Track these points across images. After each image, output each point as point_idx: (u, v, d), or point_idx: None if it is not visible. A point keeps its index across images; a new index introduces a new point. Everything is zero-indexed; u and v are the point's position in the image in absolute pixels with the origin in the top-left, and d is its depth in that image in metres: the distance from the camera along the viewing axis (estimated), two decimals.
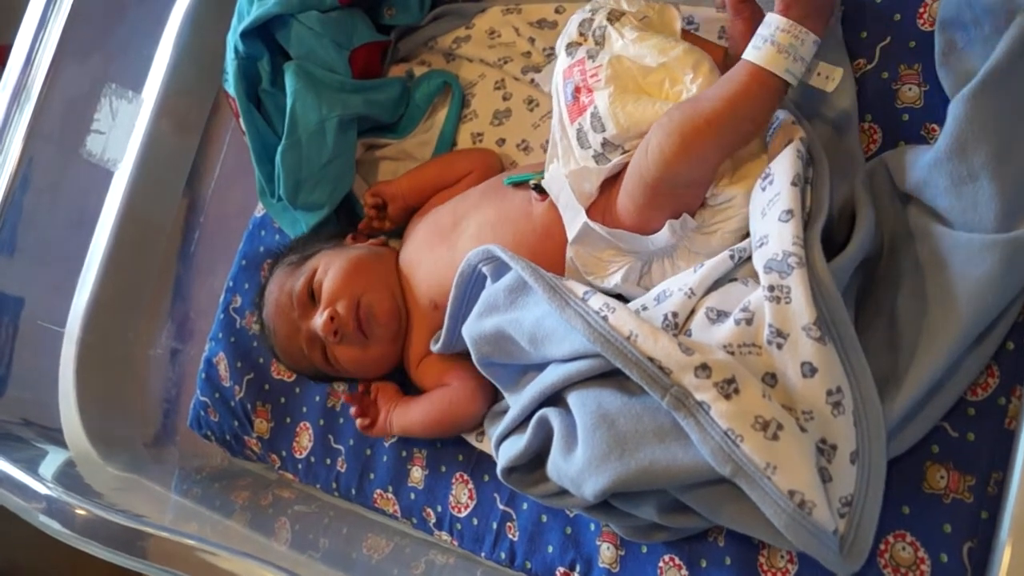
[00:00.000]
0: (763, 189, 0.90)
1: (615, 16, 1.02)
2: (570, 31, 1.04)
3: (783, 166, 0.89)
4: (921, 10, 1.01)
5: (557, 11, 1.25)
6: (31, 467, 1.11)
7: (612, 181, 0.98)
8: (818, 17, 0.89)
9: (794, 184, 0.87)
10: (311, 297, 1.14)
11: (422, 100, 1.30)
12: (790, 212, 0.86)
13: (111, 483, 1.17)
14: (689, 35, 1.06)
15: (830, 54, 1.00)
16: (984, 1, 0.88)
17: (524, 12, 1.27)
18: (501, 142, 1.25)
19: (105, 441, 1.25)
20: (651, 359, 0.83)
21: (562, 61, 1.02)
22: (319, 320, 1.10)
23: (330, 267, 1.13)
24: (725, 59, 1.03)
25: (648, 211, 0.94)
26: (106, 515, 1.04)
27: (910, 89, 1.00)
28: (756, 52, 0.88)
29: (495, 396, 1.10)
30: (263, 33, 1.26)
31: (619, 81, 0.97)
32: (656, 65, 0.97)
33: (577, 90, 0.99)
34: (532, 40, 1.25)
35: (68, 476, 1.16)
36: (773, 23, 0.88)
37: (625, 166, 0.96)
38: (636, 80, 0.97)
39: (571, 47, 1.02)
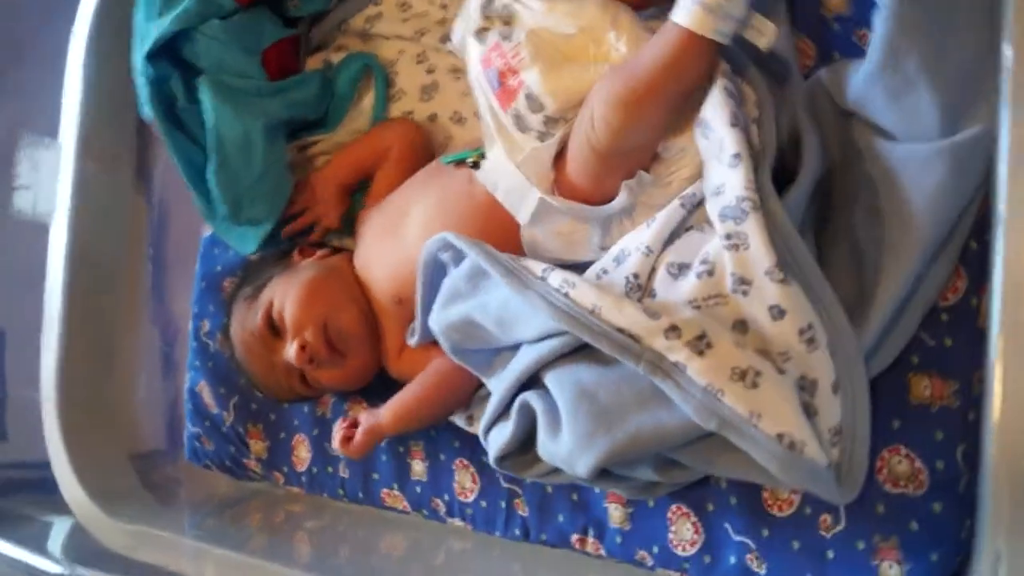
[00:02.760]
0: (705, 137, 0.89)
1: None
2: (472, 17, 0.99)
3: (715, 109, 0.87)
4: None
5: None
6: (39, 543, 1.12)
7: (558, 154, 0.96)
8: None
9: (733, 125, 0.86)
10: (273, 330, 1.12)
11: (346, 88, 1.26)
12: (738, 156, 0.85)
13: (123, 541, 1.17)
14: None
15: None
16: None
17: None
18: (433, 117, 1.21)
19: (108, 497, 1.24)
20: (619, 329, 0.83)
21: (475, 50, 0.98)
22: (291, 352, 1.08)
23: (286, 296, 1.11)
24: None
25: (604, 179, 0.93)
26: None
27: None
28: (685, 15, 0.83)
29: None
30: (168, 51, 1.21)
31: (544, 56, 0.93)
32: (575, 31, 0.93)
33: (502, 75, 0.95)
34: (444, 7, 1.21)
35: (78, 546, 1.16)
36: None
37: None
38: (560, 50, 0.94)
39: (480, 33, 0.98)
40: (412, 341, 1.07)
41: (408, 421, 1.07)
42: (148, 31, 1.20)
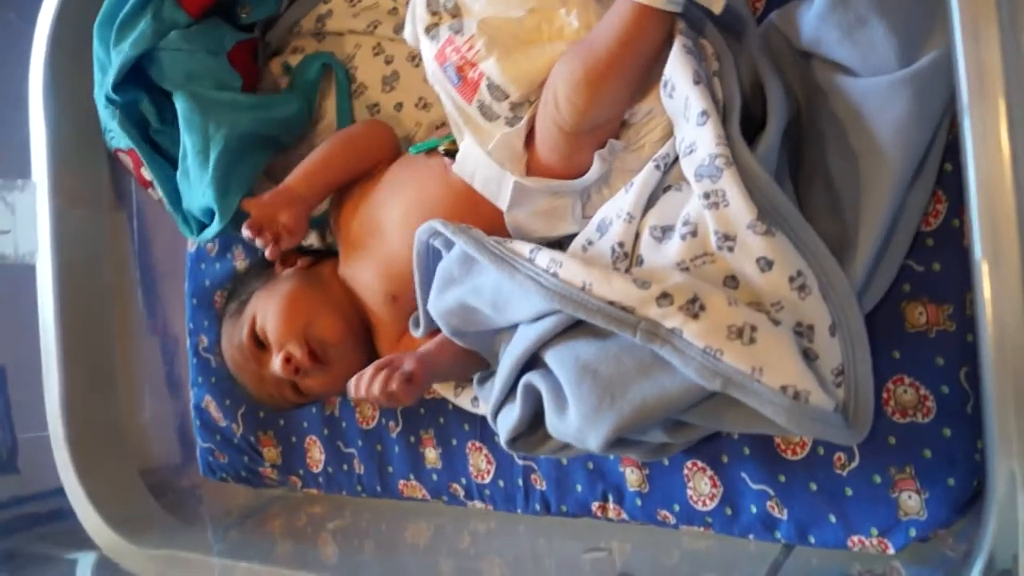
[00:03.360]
0: (670, 96, 0.88)
1: None
2: (419, 15, 0.98)
3: (677, 67, 0.87)
4: None
5: None
6: None
7: (528, 134, 0.96)
8: None
9: (696, 83, 0.85)
10: (259, 344, 1.12)
11: (308, 89, 1.25)
12: (705, 114, 0.85)
13: (150, 567, 1.18)
14: None
15: None
16: None
17: None
18: (399, 107, 1.20)
19: (129, 525, 1.25)
20: (611, 303, 0.82)
21: (428, 48, 0.98)
22: (276, 365, 1.08)
23: (267, 310, 1.11)
24: None
25: (575, 156, 0.93)
26: None
27: None
28: None
29: None
30: (134, 76, 1.20)
31: (499, 43, 0.93)
32: (525, 13, 0.93)
33: (460, 69, 0.94)
34: None
35: None
36: None
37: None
38: (514, 35, 0.93)
39: (430, 30, 0.97)
40: (418, 332, 1.06)
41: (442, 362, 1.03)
42: (109, 61, 1.19)
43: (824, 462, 0.94)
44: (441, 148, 1.04)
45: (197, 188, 1.17)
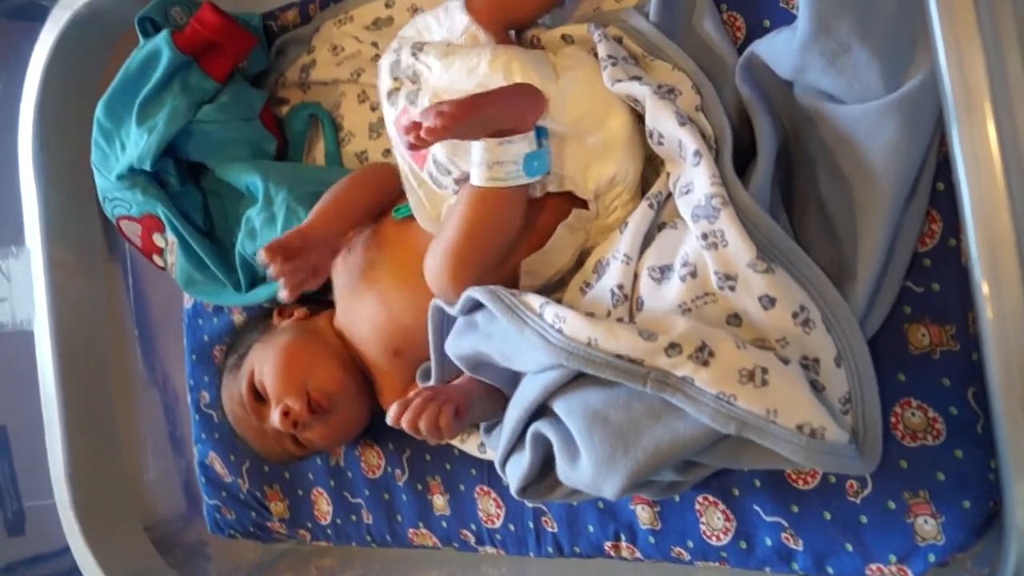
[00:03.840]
0: (660, 144, 0.88)
1: (418, 48, 0.97)
2: (383, 78, 0.99)
3: (657, 116, 0.88)
4: None
5: (387, 5, 1.19)
6: None
7: None
8: (490, 125, 0.87)
9: (682, 124, 0.85)
10: (258, 398, 1.12)
11: (297, 139, 1.26)
12: (698, 154, 0.85)
13: None
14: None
15: None
16: None
17: (356, 18, 1.21)
18: (386, 153, 1.20)
19: None
20: (618, 356, 0.81)
21: (387, 112, 1.00)
22: (275, 419, 1.08)
23: (265, 363, 1.11)
24: None
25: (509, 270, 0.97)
26: None
27: None
28: (474, 175, 0.90)
29: None
30: None
31: None
32: (474, 87, 0.93)
33: None
34: (375, 44, 1.19)
35: None
36: (474, 148, 0.89)
37: None
38: None
39: (392, 95, 0.98)
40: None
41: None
42: (118, 135, 1.20)
43: (836, 490, 0.94)
44: None
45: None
